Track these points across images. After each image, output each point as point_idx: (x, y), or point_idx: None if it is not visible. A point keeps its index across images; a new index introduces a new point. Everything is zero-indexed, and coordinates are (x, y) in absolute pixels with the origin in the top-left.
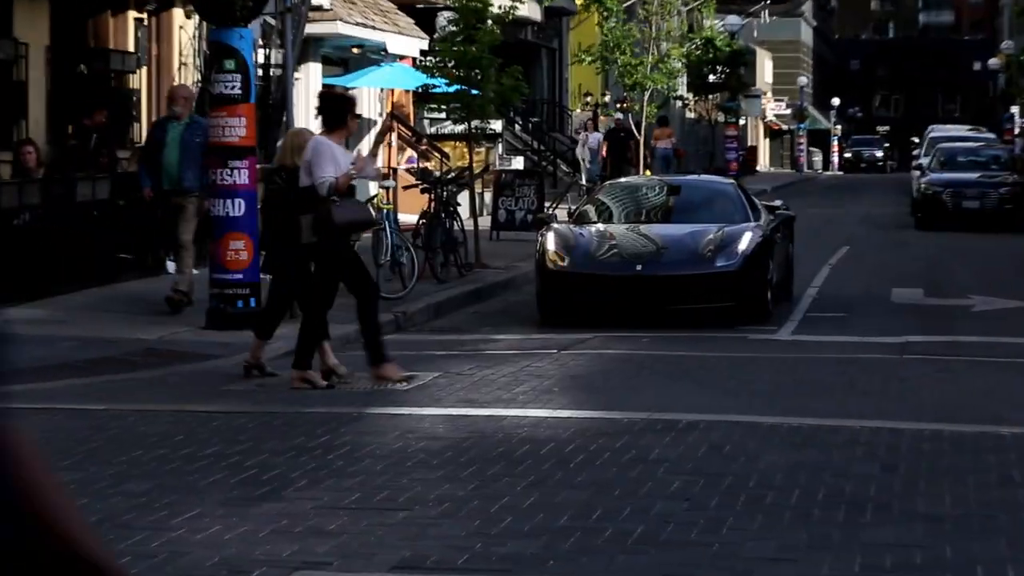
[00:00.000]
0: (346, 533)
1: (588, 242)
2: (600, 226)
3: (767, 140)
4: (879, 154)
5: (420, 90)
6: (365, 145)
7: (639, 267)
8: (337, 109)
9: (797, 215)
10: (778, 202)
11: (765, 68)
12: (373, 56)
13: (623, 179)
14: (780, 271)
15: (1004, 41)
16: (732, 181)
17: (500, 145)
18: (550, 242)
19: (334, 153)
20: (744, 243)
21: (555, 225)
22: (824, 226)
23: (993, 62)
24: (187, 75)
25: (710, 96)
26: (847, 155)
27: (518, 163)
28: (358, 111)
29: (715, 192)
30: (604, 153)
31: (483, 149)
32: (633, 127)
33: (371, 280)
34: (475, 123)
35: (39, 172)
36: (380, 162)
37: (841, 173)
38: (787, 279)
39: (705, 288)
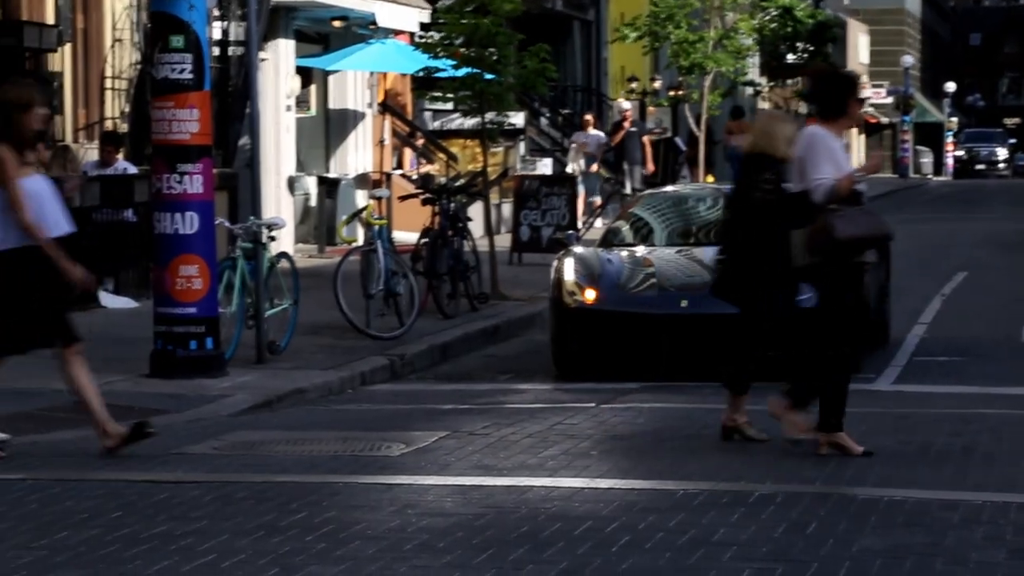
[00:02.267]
0: None
1: (618, 270)
2: (635, 249)
3: (862, 137)
4: (1002, 153)
5: (420, 74)
6: (352, 145)
7: (684, 303)
8: (837, 93)
9: (901, 232)
10: None
11: (860, 45)
12: (360, 31)
13: (666, 188)
14: (872, 306)
15: None
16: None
17: (522, 144)
18: (568, 270)
19: (832, 149)
20: None
21: (576, 249)
22: (935, 247)
23: None
24: (123, 55)
25: (789, 81)
26: (959, 154)
27: (545, 167)
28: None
29: None
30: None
31: (500, 149)
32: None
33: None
34: (490, 116)
35: None
36: (370, 166)
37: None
38: (881, 316)
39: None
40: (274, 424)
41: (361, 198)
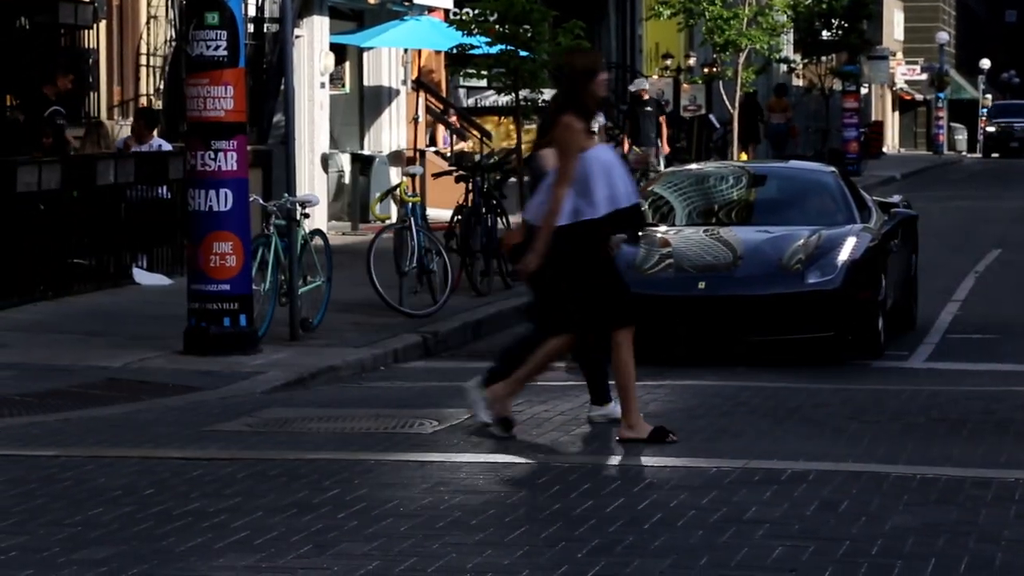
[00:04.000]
0: None
1: (634, 251)
2: (654, 230)
3: (896, 114)
4: None
5: (454, 51)
6: (386, 122)
7: (702, 285)
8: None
9: (934, 209)
10: (896, 198)
11: (895, 22)
12: (394, 8)
13: (689, 166)
14: (898, 290)
15: None
16: (833, 170)
17: None
18: None
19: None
20: (846, 252)
21: None
22: (969, 224)
23: None
24: (157, 32)
25: (824, 59)
26: (990, 129)
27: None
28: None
29: (810, 184)
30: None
31: (534, 126)
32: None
33: None
34: (524, 93)
35: None
36: (404, 144)
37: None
38: (908, 301)
39: (793, 313)
40: (307, 401)
41: (395, 175)
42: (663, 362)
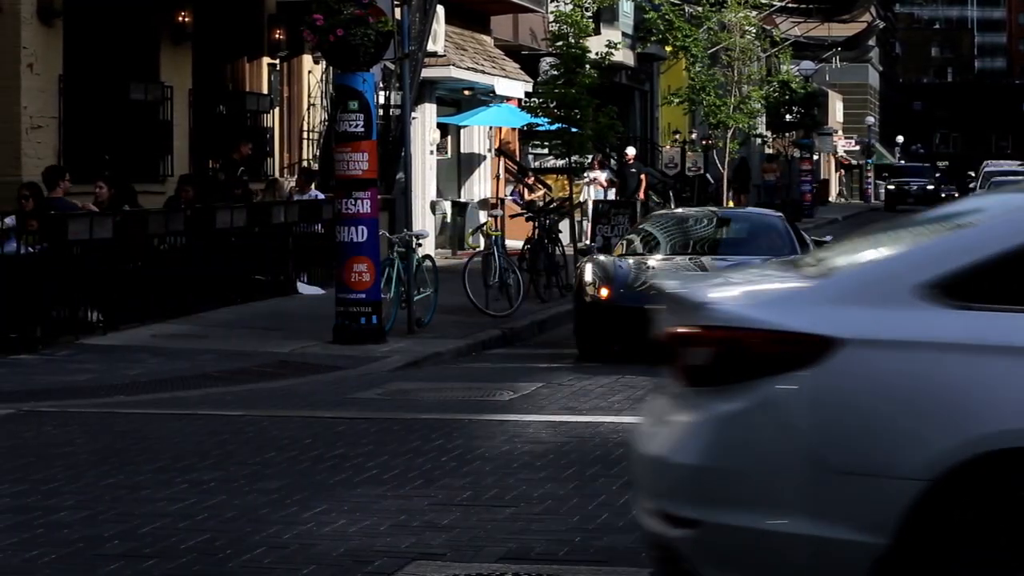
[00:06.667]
0: (458, 527)
1: (627, 273)
2: (639, 258)
3: (838, 173)
4: (931, 187)
5: (525, 128)
6: (476, 179)
7: None
8: None
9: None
10: (828, 237)
11: (836, 108)
12: (483, 97)
13: (672, 210)
14: None
15: None
16: (780, 215)
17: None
18: (587, 273)
19: None
20: None
21: (595, 256)
22: None
23: None
24: (315, 115)
25: (787, 133)
26: (890, 187)
27: (612, 194)
28: (469, 147)
29: (762, 225)
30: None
31: (582, 182)
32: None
33: None
34: (575, 158)
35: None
36: (489, 193)
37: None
38: None
39: None
40: (420, 377)
41: (482, 216)
42: (644, 362)
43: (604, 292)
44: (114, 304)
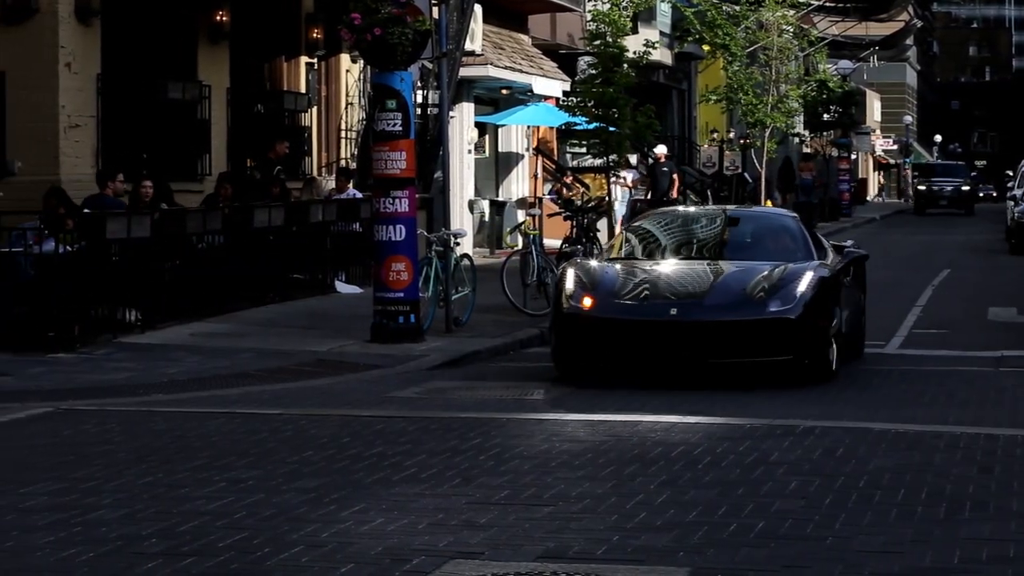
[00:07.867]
0: (496, 526)
1: (613, 280)
2: (632, 262)
3: (876, 172)
4: (966, 188)
5: (563, 127)
6: (514, 177)
7: (674, 311)
8: None
9: (903, 241)
10: (849, 242)
11: (874, 108)
12: (520, 96)
13: (671, 209)
14: (849, 322)
15: None
16: (794, 215)
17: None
18: (569, 280)
19: None
20: (804, 284)
21: (580, 260)
22: (927, 251)
23: None
24: (353, 114)
25: (824, 133)
26: (920, 188)
27: (639, 193)
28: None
29: (773, 226)
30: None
31: (619, 181)
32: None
33: None
34: (612, 157)
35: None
36: (527, 192)
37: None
38: (857, 333)
39: (754, 338)
40: (458, 376)
41: (520, 215)
42: (628, 380)
43: (587, 302)
44: (152, 303)
